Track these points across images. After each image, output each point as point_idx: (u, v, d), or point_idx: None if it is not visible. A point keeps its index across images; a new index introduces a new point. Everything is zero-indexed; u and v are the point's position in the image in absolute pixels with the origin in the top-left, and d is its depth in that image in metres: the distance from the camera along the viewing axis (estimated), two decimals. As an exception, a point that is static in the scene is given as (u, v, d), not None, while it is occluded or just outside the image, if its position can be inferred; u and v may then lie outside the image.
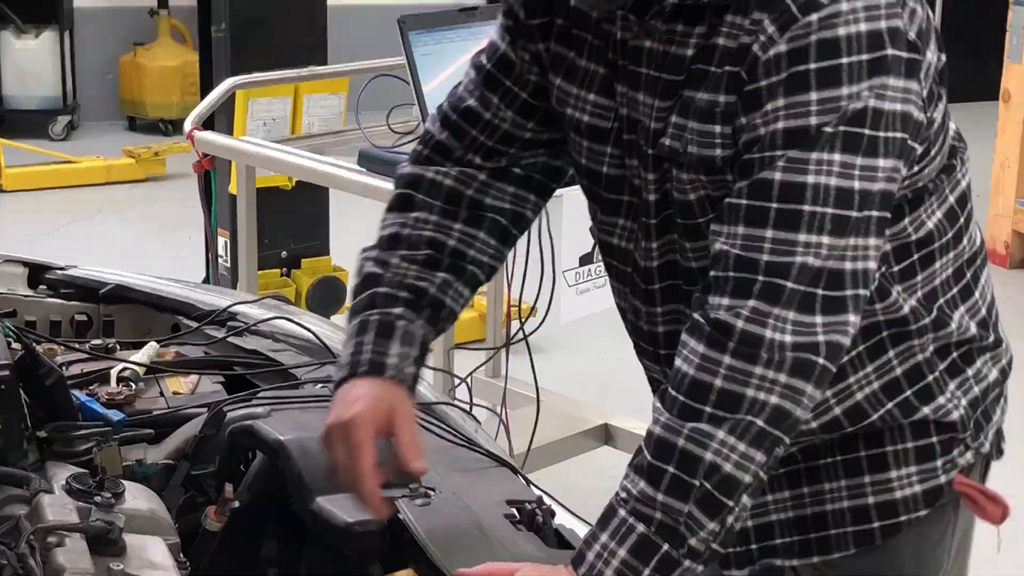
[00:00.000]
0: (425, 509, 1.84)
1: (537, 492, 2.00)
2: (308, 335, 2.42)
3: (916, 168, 1.76)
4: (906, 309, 1.82)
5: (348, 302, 1.98)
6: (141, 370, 2.22)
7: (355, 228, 6.61)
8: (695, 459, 1.55)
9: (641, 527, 1.56)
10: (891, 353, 1.83)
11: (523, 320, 3.28)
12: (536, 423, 3.30)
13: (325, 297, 5.16)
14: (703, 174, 1.71)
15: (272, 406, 2.03)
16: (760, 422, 1.56)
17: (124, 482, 1.83)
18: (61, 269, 2.63)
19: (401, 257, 1.87)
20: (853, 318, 1.61)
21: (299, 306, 5.11)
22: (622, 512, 1.59)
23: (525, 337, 3.03)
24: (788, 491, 1.90)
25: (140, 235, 7.87)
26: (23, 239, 7.52)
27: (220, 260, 4.95)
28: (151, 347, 2.29)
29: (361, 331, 1.83)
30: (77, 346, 2.32)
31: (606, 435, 3.93)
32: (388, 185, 3.71)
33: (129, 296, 2.56)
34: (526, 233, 3.50)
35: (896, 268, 1.81)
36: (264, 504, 2.01)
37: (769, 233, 1.59)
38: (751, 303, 1.57)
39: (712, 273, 1.63)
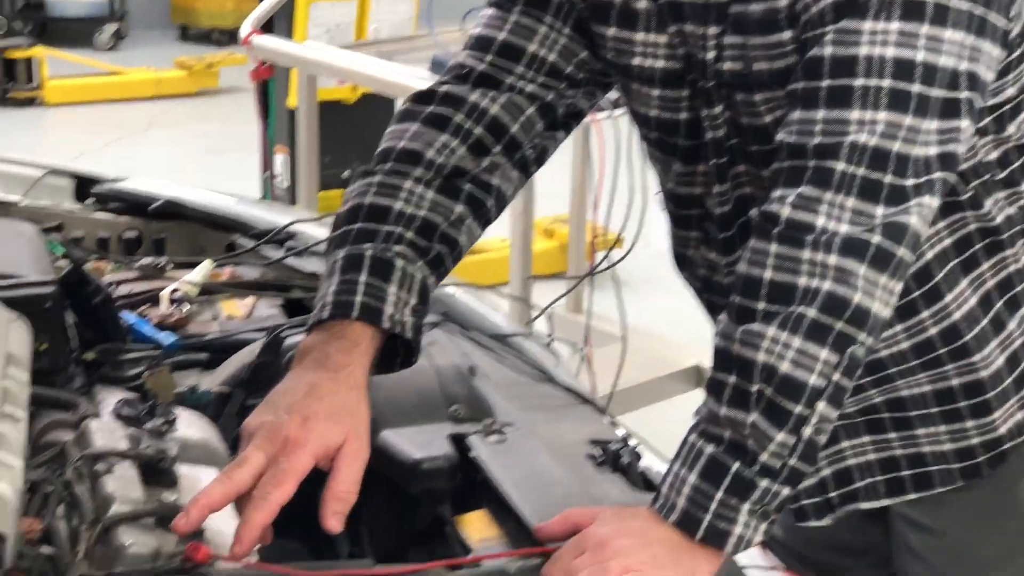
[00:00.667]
0: (499, 447, 1.85)
1: (623, 431, 2.00)
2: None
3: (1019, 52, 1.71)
4: (1000, 219, 1.81)
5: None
6: (194, 291, 2.24)
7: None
8: (749, 362, 1.52)
9: (710, 448, 1.54)
10: (984, 266, 1.82)
11: (608, 250, 3.26)
12: (621, 362, 3.29)
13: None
14: (778, 89, 1.68)
15: (334, 332, 2.04)
16: (812, 312, 1.50)
17: (177, 409, 1.85)
18: (111, 182, 2.66)
19: (415, 180, 1.80)
20: (929, 199, 1.57)
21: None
22: (691, 437, 1.57)
23: (610, 266, 3.00)
24: (867, 436, 1.90)
25: (190, 154, 7.95)
26: (65, 157, 7.61)
27: (277, 179, 4.99)
28: (205, 267, 2.31)
29: (351, 267, 1.74)
30: (126, 264, 2.35)
31: (698, 377, 3.92)
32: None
33: (182, 212, 2.59)
34: (613, 154, 3.51)
35: (1001, 175, 1.80)
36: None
37: (820, 114, 1.57)
38: (799, 189, 1.55)
39: (773, 165, 1.61)
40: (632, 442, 1.94)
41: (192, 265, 2.36)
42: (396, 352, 1.76)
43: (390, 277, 1.73)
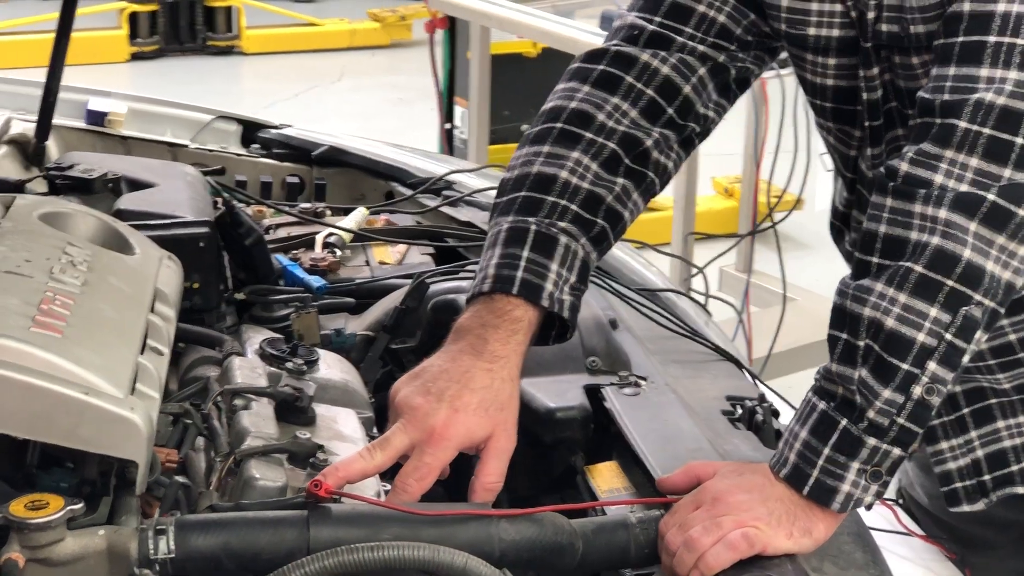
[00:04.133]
0: (634, 399, 1.86)
1: (762, 389, 1.99)
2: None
3: None
4: None
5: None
6: (348, 237, 2.29)
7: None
8: (856, 317, 1.50)
9: (822, 404, 1.52)
10: None
11: (771, 208, 3.23)
12: (780, 323, 3.25)
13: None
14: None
15: (479, 280, 2.07)
16: (919, 267, 1.47)
17: (319, 351, 1.90)
18: (275, 128, 2.73)
19: (583, 150, 1.77)
20: None
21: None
22: (808, 394, 1.56)
23: (771, 226, 2.98)
24: None
25: (378, 104, 8.06)
26: (261, 104, 7.79)
27: (457, 131, 5.03)
28: (359, 213, 2.36)
29: (514, 240, 1.71)
30: (286, 209, 2.41)
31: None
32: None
33: (343, 159, 2.64)
34: (778, 112, 3.47)
35: None
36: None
37: (951, 70, 1.54)
38: (921, 145, 1.52)
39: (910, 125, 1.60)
40: (774, 400, 1.94)
41: (349, 211, 2.41)
42: (552, 327, 1.74)
43: (552, 254, 1.71)
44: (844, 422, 1.50)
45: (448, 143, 5.13)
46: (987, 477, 1.87)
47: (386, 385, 2.06)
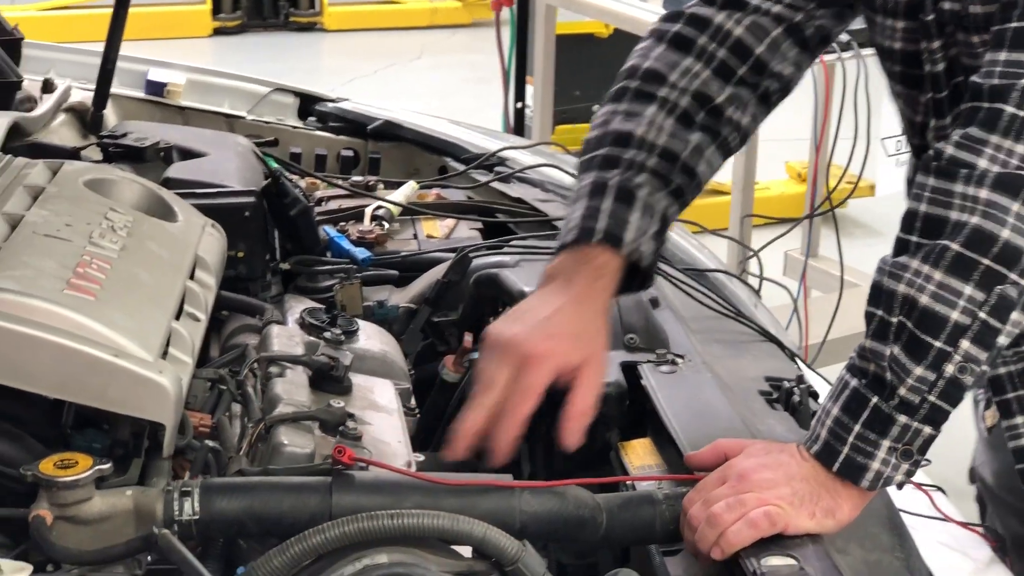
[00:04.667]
0: (670, 377, 1.86)
1: (804, 371, 1.99)
2: (579, 186, 2.44)
3: None
4: None
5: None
6: (396, 210, 2.31)
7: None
8: (891, 294, 1.49)
9: (854, 381, 1.52)
10: None
11: (829, 192, 3.20)
12: (836, 309, 3.21)
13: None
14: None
15: (522, 256, 2.08)
16: (955, 246, 1.46)
17: (360, 321, 1.92)
18: (332, 101, 2.75)
19: (657, 108, 1.81)
20: None
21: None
22: (842, 371, 1.55)
23: (827, 211, 2.95)
24: None
25: (456, 82, 8.07)
26: (341, 80, 7.84)
27: (528, 110, 5.03)
28: (409, 187, 2.37)
29: (596, 193, 1.77)
30: (337, 182, 2.42)
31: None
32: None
33: (398, 134, 2.66)
34: (839, 93, 3.43)
35: None
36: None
37: (1003, 55, 1.53)
38: (968, 129, 1.51)
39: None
40: (813, 382, 1.93)
41: (400, 185, 2.43)
42: (635, 276, 1.79)
43: (632, 205, 1.75)
44: (875, 399, 1.49)
45: (519, 122, 5.13)
46: None
47: (427, 358, 2.09)
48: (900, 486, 1.54)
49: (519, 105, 5.11)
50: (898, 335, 1.48)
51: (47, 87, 2.44)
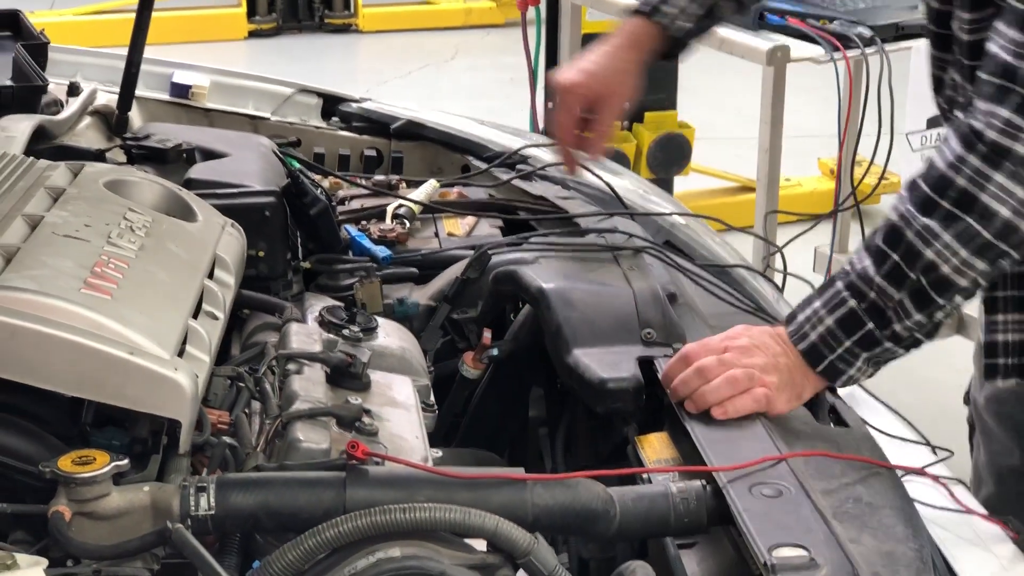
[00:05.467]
0: (687, 371, 1.86)
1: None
2: (601, 184, 2.46)
3: None
4: None
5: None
6: (417, 209, 2.32)
7: (704, 83, 6.66)
8: (917, 254, 1.68)
9: (853, 302, 1.72)
10: None
11: (853, 187, 3.20)
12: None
13: (668, 155, 5.17)
14: (981, 11, 1.75)
15: (542, 253, 2.09)
16: (987, 234, 1.65)
17: (379, 319, 1.93)
18: (356, 102, 2.76)
19: None
20: None
21: (640, 164, 5.16)
22: (839, 284, 1.74)
23: (856, 204, 2.95)
24: None
25: (490, 83, 8.07)
26: (374, 81, 7.86)
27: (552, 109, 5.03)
28: (430, 185, 2.39)
29: None
30: (359, 181, 2.44)
31: (957, 322, 3.79)
32: (742, 38, 3.72)
33: (421, 133, 2.67)
34: (862, 87, 3.43)
35: None
36: (529, 356, 2.08)
37: None
38: (1005, 114, 1.64)
39: (980, 73, 1.70)
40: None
41: (422, 184, 2.44)
42: (676, 49, 2.20)
43: None
44: (871, 325, 1.72)
45: (535, 119, 5.13)
46: None
47: (446, 355, 2.10)
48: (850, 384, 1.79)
49: (549, 105, 5.10)
50: (911, 286, 1.69)
51: (73, 91, 2.47)
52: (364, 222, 2.28)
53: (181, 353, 1.54)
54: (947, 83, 1.99)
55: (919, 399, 1.93)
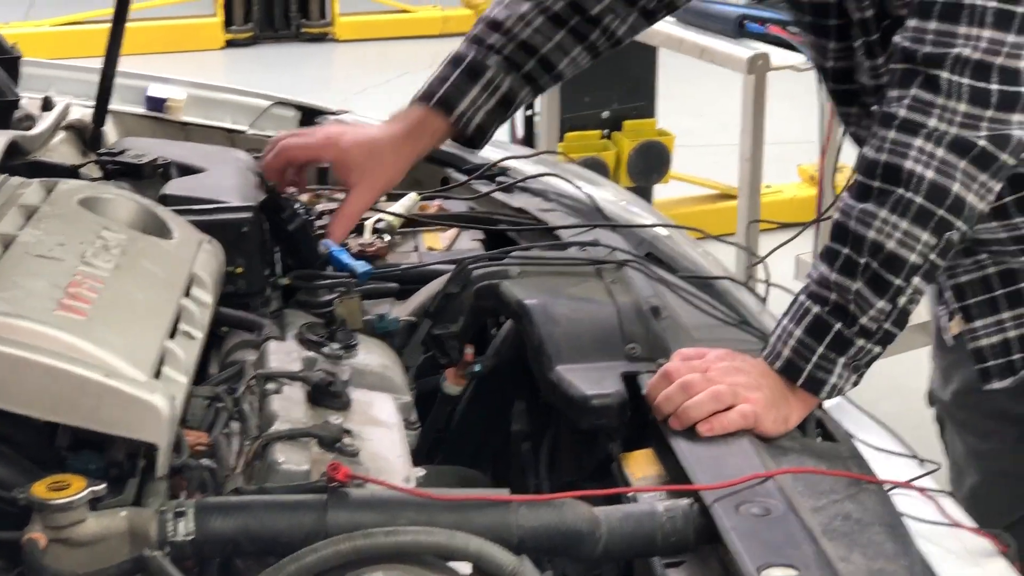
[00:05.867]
0: (672, 387, 1.84)
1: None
2: (581, 196, 2.44)
3: None
4: None
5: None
6: (397, 222, 2.29)
7: (683, 92, 6.65)
8: (861, 238, 1.73)
9: (816, 308, 1.76)
10: None
11: (837, 195, 3.19)
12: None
13: (647, 163, 5.17)
14: None
15: (523, 267, 2.07)
16: (919, 199, 1.71)
17: (359, 335, 1.91)
18: (333, 114, 2.74)
19: (534, 4, 2.14)
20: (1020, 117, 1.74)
21: (619, 172, 5.15)
22: (801, 297, 1.79)
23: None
24: None
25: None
26: (351, 90, 7.84)
27: (537, 118, 5.02)
28: (410, 199, 2.36)
29: (454, 63, 2.16)
30: (340, 195, 2.41)
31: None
32: (722, 46, 3.70)
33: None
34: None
35: None
36: (512, 371, 2.06)
37: (932, 25, 1.76)
38: (912, 92, 1.75)
39: (889, 65, 1.82)
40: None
41: (401, 197, 2.41)
42: (464, 140, 2.20)
43: (477, 80, 2.14)
44: (838, 325, 1.75)
45: (528, 129, 5.12)
46: (1016, 356, 2.11)
47: (428, 371, 2.08)
48: (839, 394, 1.79)
49: (528, 113, 5.09)
50: (864, 272, 1.73)
51: (47, 105, 2.44)
52: (343, 236, 2.25)
53: (158, 374, 1.51)
54: (864, 139, 2.04)
55: (901, 408, 1.93)
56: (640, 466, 1.76)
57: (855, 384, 1.79)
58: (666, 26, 3.73)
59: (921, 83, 1.75)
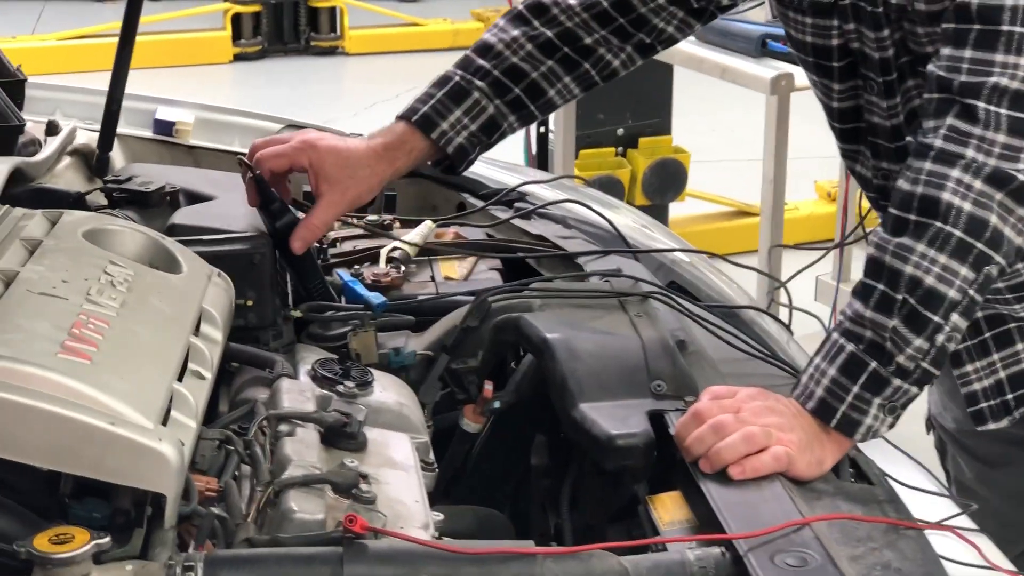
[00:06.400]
0: (700, 426, 1.77)
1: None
2: (602, 221, 2.37)
3: None
4: None
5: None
6: (413, 251, 2.23)
7: (699, 108, 6.59)
8: (897, 273, 1.67)
9: (851, 346, 1.70)
10: None
11: (863, 216, 3.12)
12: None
13: (663, 181, 5.11)
14: (935, 26, 1.80)
15: (544, 299, 2.00)
16: (958, 232, 1.66)
17: (374, 371, 1.85)
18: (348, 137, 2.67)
19: (524, 32, 2.12)
20: None
21: (635, 190, 5.09)
22: (835, 335, 1.72)
23: (866, 236, 2.85)
24: None
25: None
26: (362, 104, 7.78)
27: (551, 135, 4.96)
28: (426, 226, 2.29)
29: (440, 84, 2.13)
30: (353, 221, 2.35)
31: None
32: (745, 66, 3.63)
33: (414, 170, 2.57)
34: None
35: None
36: (532, 407, 1.99)
37: (968, 53, 1.72)
38: (948, 121, 1.70)
39: (923, 95, 1.78)
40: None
41: (418, 224, 2.35)
42: (444, 163, 2.16)
43: (461, 102, 2.11)
44: (874, 364, 1.69)
45: (542, 147, 5.05)
46: (1010, 396, 2.07)
47: (445, 407, 2.01)
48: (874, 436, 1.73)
49: (542, 130, 5.03)
50: (901, 309, 1.67)
51: (51, 129, 2.38)
52: (357, 266, 2.19)
53: (166, 419, 1.45)
54: (870, 178, 2.08)
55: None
56: (668, 510, 1.69)
57: (891, 427, 1.72)
58: (686, 45, 3.67)
59: (958, 113, 1.71)
